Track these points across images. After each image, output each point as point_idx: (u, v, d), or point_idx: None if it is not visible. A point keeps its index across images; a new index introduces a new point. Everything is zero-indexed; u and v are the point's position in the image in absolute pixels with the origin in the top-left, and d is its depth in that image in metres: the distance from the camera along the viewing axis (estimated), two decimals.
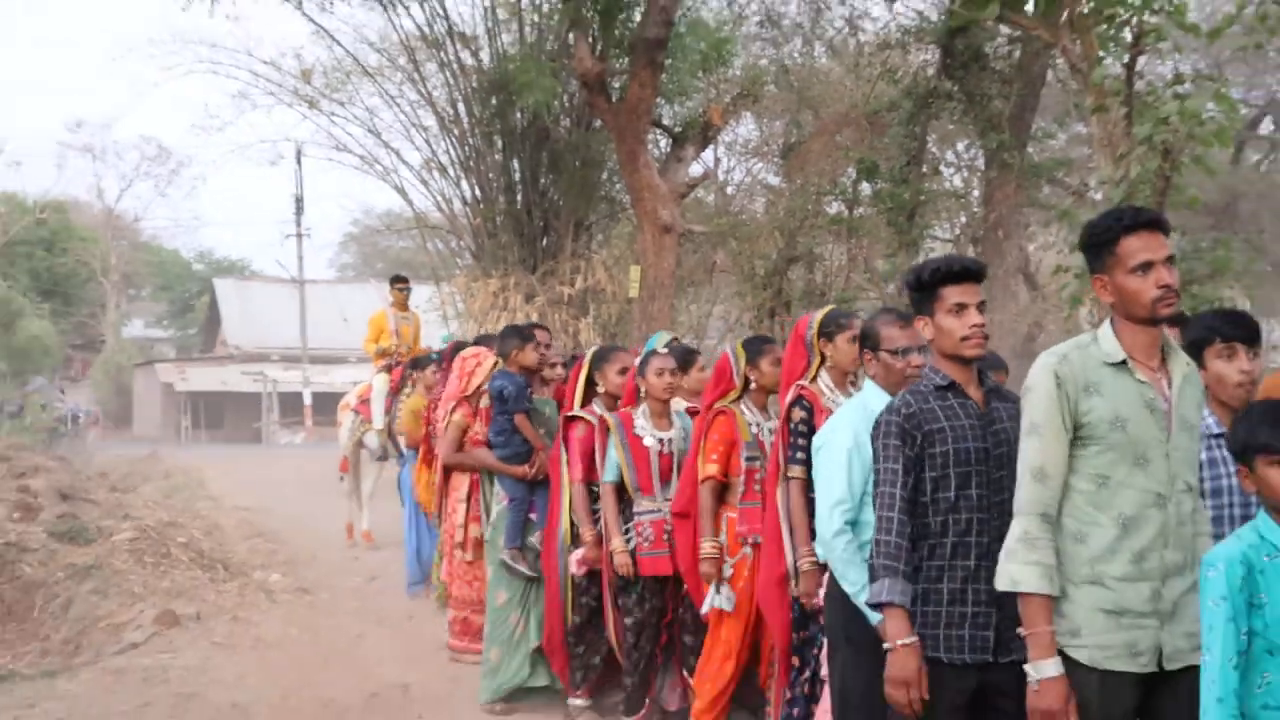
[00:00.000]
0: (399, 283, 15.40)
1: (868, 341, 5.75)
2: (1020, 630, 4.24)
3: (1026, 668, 4.19)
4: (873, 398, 5.59)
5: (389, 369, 14.76)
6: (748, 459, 7.19)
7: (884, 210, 16.46)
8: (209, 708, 8.94)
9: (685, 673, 7.86)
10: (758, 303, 17.72)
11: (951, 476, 4.64)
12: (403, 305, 15.32)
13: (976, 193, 21.23)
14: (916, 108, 16.22)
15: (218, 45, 23.39)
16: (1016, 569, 4.20)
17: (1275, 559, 3.84)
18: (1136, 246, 4.19)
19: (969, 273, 4.73)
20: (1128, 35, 9.66)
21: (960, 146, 23.71)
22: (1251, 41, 9.53)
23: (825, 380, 6.68)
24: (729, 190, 24.22)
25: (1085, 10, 9.67)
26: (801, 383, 6.73)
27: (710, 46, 19.16)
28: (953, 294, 4.68)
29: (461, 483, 9.95)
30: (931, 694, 4.61)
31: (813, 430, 6.41)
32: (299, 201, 53.08)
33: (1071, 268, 9.68)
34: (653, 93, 16.82)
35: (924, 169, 17.12)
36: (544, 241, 19.48)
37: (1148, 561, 4.15)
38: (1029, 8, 10.35)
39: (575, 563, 8.24)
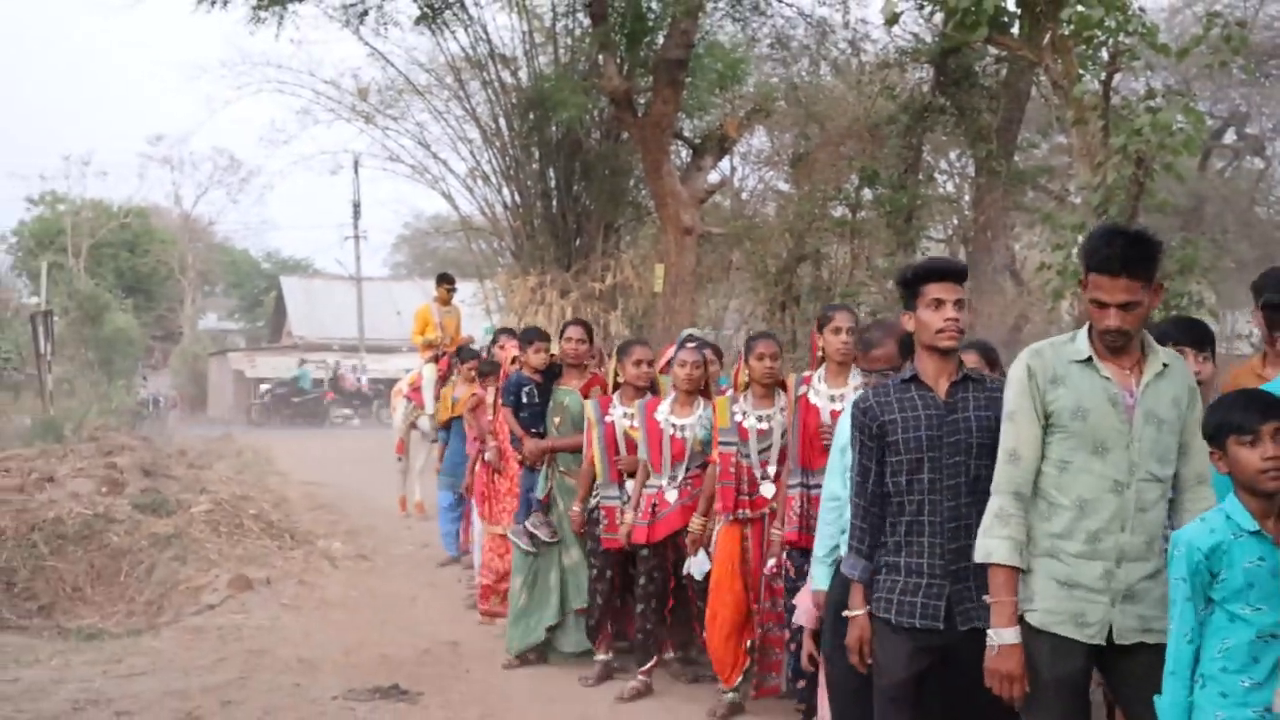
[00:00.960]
0: (446, 282, 15.32)
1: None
2: (985, 598, 4.30)
3: (988, 633, 4.24)
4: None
5: (436, 359, 14.75)
6: (723, 444, 7.33)
7: (884, 214, 16.41)
8: (278, 662, 8.99)
9: (697, 625, 7.91)
10: (769, 297, 17.66)
11: (904, 463, 4.68)
12: (446, 300, 15.24)
13: (967, 197, 21.12)
14: (913, 121, 16.16)
15: (283, 66, 23.31)
16: (990, 542, 4.26)
17: (1240, 538, 3.76)
18: (1097, 285, 4.16)
19: (948, 272, 4.76)
20: (1104, 55, 9.63)
21: (952, 156, 23.55)
22: (1216, 60, 9.47)
23: (822, 371, 6.80)
24: (743, 196, 24.11)
25: (1065, 32, 9.63)
26: (804, 374, 6.94)
27: (726, 66, 19.10)
28: (933, 290, 4.68)
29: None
30: (886, 652, 4.72)
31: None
32: (356, 207, 53.24)
33: (1053, 265, 9.64)
34: (674, 108, 16.84)
35: (919, 176, 17.05)
36: (577, 242, 19.45)
37: (1102, 543, 4.15)
38: (1014, 30, 10.29)
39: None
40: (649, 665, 8.07)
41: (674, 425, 7.84)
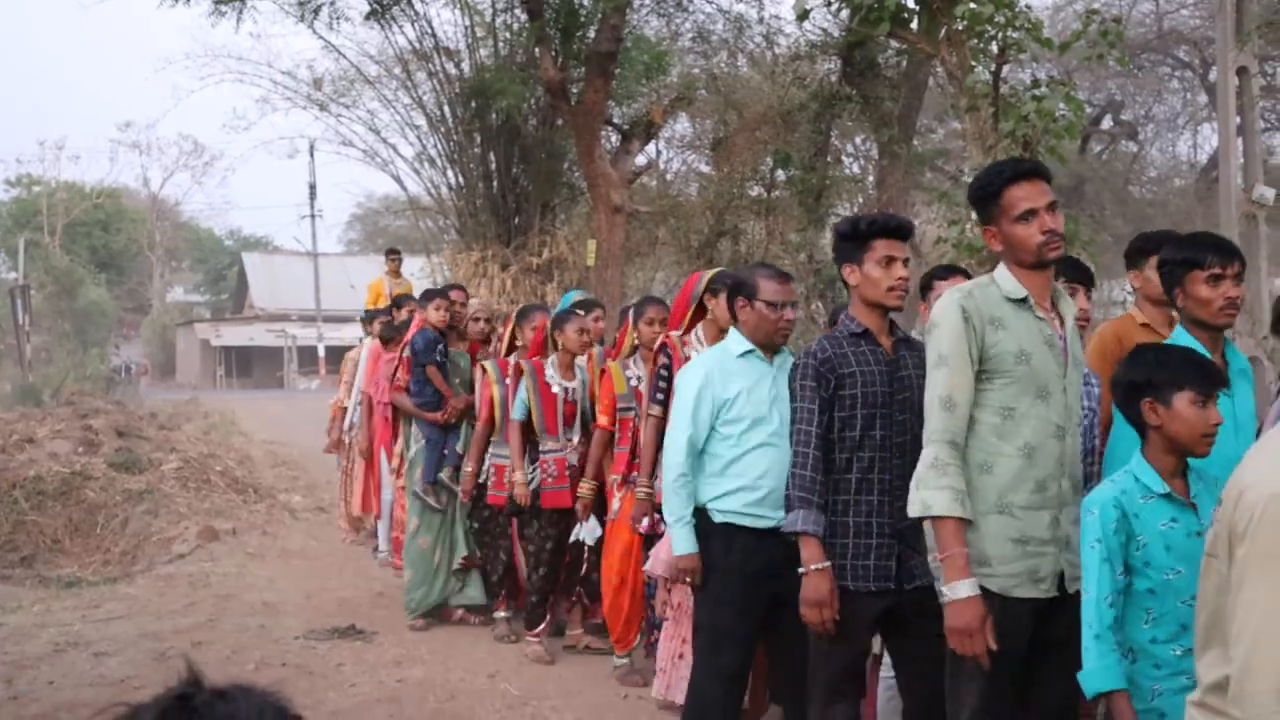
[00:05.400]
0: (392, 254, 15.40)
1: (744, 290, 5.04)
2: (935, 555, 3.73)
3: (942, 589, 3.67)
4: (734, 343, 5.08)
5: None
6: (621, 409, 6.87)
7: (796, 193, 16.48)
8: (244, 606, 8.97)
9: (582, 590, 7.63)
10: (692, 270, 17.72)
11: (858, 418, 4.21)
12: (396, 273, 15.23)
13: (871, 178, 21.21)
14: (822, 108, 16.20)
15: (243, 58, 23.13)
16: (928, 494, 3.67)
17: (1150, 500, 3.44)
18: (1019, 196, 3.72)
19: (900, 230, 4.31)
20: (994, 48, 9.66)
21: (858, 140, 23.67)
22: (1094, 53, 9.54)
23: (699, 332, 6.21)
24: (668, 177, 24.12)
25: (959, 27, 9.67)
26: (672, 333, 6.39)
27: (652, 58, 19.06)
28: (884, 246, 4.24)
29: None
30: (846, 617, 4.20)
31: (673, 375, 5.88)
32: (313, 188, 52.70)
33: (949, 239, 9.71)
34: (605, 97, 16.77)
35: (828, 159, 17.12)
36: (516, 220, 19.33)
37: (1048, 490, 3.73)
38: (914, 25, 10.33)
39: (461, 491, 8.15)
40: (539, 629, 7.61)
41: (564, 388, 7.49)
